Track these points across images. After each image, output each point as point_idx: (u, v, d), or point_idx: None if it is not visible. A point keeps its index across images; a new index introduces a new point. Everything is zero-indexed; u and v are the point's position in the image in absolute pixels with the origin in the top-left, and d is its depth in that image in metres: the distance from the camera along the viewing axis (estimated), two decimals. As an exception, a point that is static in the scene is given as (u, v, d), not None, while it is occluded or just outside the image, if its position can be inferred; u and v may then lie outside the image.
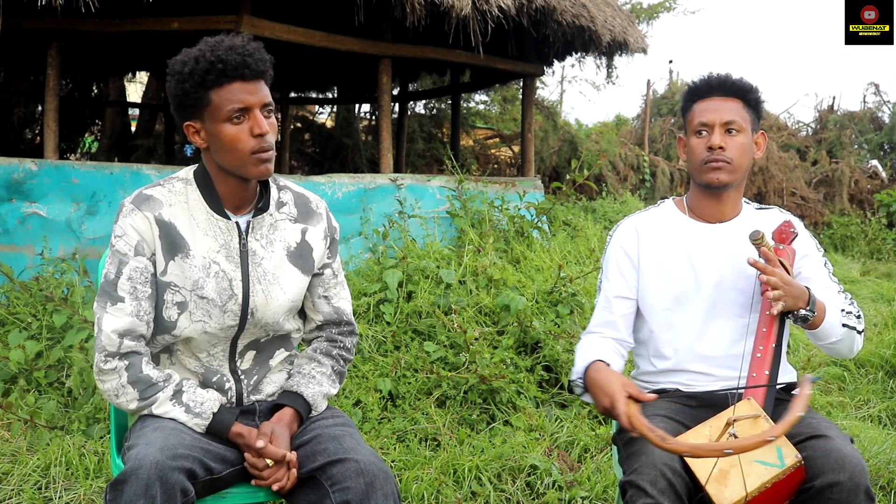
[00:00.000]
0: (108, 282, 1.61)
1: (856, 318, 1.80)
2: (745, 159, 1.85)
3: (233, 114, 1.57)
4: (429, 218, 5.35)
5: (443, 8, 4.94)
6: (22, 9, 4.28)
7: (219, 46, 1.58)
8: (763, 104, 1.91)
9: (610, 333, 1.93)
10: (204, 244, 1.65)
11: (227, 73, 1.56)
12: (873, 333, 4.63)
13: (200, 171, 1.69)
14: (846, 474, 1.48)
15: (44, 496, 2.45)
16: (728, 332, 1.84)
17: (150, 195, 1.64)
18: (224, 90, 1.57)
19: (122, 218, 1.62)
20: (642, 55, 6.87)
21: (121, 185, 4.42)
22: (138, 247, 1.61)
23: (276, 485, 1.59)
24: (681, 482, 1.55)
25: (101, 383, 1.63)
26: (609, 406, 1.63)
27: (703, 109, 1.86)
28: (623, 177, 9.98)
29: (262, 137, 1.60)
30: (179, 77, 1.59)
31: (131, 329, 1.60)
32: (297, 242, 1.75)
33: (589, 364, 1.79)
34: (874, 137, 11.66)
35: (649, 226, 1.97)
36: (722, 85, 1.87)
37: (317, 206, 1.81)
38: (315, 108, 12.22)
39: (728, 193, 1.90)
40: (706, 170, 1.84)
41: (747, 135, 1.85)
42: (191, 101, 1.59)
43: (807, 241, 1.89)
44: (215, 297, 1.64)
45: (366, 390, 3.23)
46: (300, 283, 1.75)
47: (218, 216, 1.67)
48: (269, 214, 1.73)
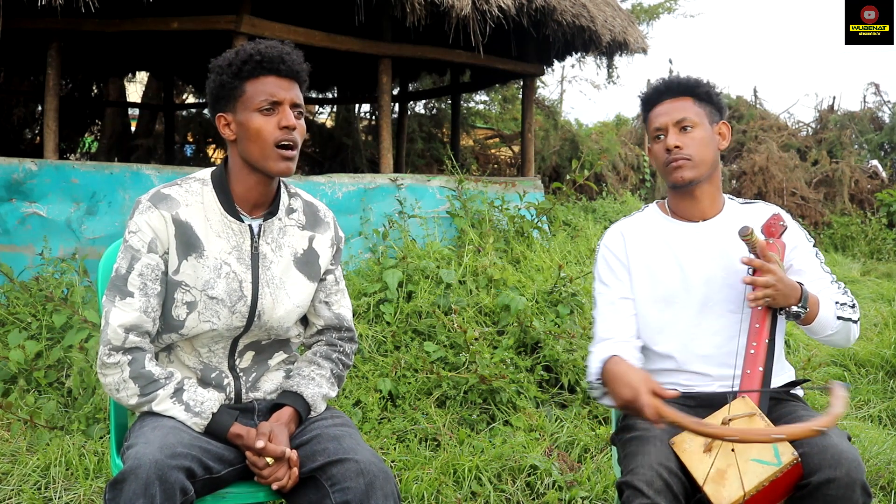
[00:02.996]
0: (119, 276, 1.62)
1: (850, 309, 1.79)
2: (707, 152, 1.86)
3: (264, 105, 1.62)
4: (429, 218, 5.35)
5: (443, 8, 4.94)
6: (22, 9, 4.28)
7: (260, 44, 1.65)
8: (717, 95, 1.92)
9: (621, 336, 1.88)
10: (217, 245, 1.67)
11: (264, 66, 1.62)
12: (873, 333, 4.63)
13: (219, 172, 1.72)
14: (843, 470, 1.48)
15: (44, 496, 2.46)
16: (721, 329, 1.84)
17: (168, 194, 1.66)
18: (258, 81, 1.63)
19: (139, 214, 1.64)
20: (642, 55, 6.87)
21: (121, 185, 4.42)
22: (152, 244, 1.62)
23: (276, 483, 1.60)
24: (677, 482, 1.55)
25: (103, 377, 1.63)
26: (631, 398, 1.60)
27: (657, 115, 1.90)
28: (623, 177, 9.98)
29: (288, 130, 1.63)
30: (219, 70, 1.66)
31: (138, 325, 1.61)
32: (304, 249, 1.77)
33: (605, 360, 1.77)
34: (874, 137, 11.65)
35: (634, 230, 1.99)
36: (669, 88, 1.90)
37: (325, 215, 1.84)
38: (315, 108, 12.22)
39: (701, 190, 1.90)
40: (669, 170, 1.87)
41: (704, 128, 1.87)
42: (226, 91, 1.65)
43: (796, 232, 1.89)
44: (225, 297, 1.66)
45: (366, 390, 3.24)
46: (306, 289, 1.77)
47: (231, 218, 1.69)
48: (279, 219, 1.75)
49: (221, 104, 1.67)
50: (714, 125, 1.90)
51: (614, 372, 1.70)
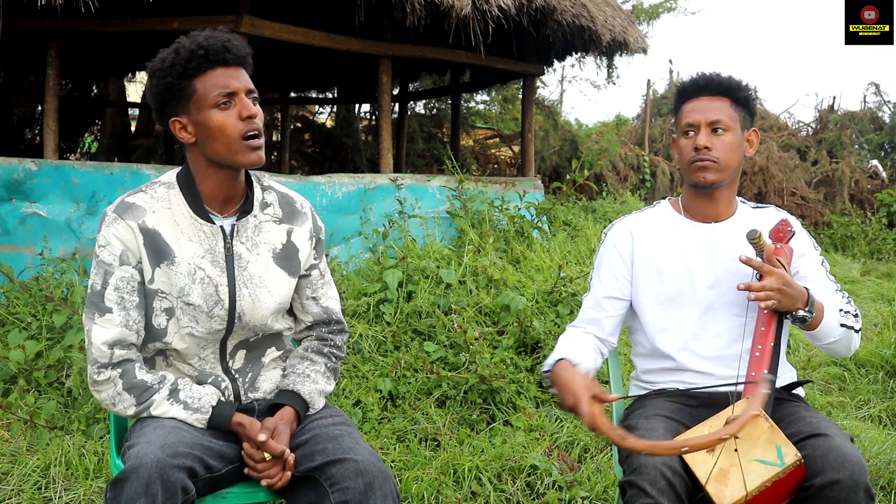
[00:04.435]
0: (95, 293, 1.60)
1: (853, 318, 1.79)
2: (734, 158, 1.85)
3: (219, 99, 1.56)
4: (429, 218, 5.35)
5: (443, 8, 4.94)
6: (22, 9, 4.28)
7: (196, 37, 1.57)
8: (754, 101, 1.90)
9: (593, 331, 1.94)
10: (189, 250, 1.63)
11: (210, 59, 1.55)
12: (874, 333, 4.63)
13: (184, 173, 1.67)
14: (846, 472, 1.48)
15: (43, 496, 2.45)
16: (725, 331, 1.84)
17: (132, 203, 1.62)
18: (207, 77, 1.56)
19: (105, 227, 1.60)
20: (642, 55, 6.87)
21: (121, 185, 4.42)
22: (123, 256, 1.59)
23: (266, 481, 1.59)
24: (680, 482, 1.55)
25: (97, 393, 1.63)
26: (573, 405, 1.62)
27: (691, 110, 1.86)
28: (623, 177, 9.98)
29: (252, 120, 1.58)
30: (160, 73, 1.57)
31: (121, 339, 1.59)
32: (283, 244, 1.74)
33: (554, 363, 1.78)
34: (874, 137, 11.66)
35: (644, 226, 1.97)
36: (709, 84, 1.87)
37: (301, 205, 1.79)
38: (315, 108, 12.22)
39: (720, 192, 1.89)
40: (693, 170, 1.85)
41: (735, 133, 1.84)
42: (174, 94, 1.57)
43: (804, 239, 1.89)
44: (201, 303, 1.63)
45: (366, 390, 3.23)
46: (287, 284, 1.74)
47: (202, 221, 1.65)
48: (254, 216, 1.71)
49: (171, 108, 1.59)
50: (745, 131, 1.88)
51: (560, 378, 1.71)
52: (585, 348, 1.87)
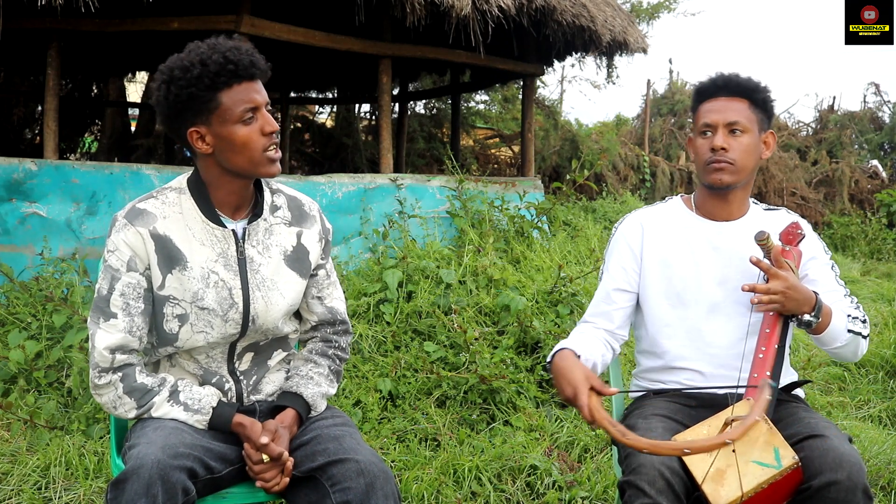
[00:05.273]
0: (101, 297, 1.61)
1: (861, 324, 1.78)
2: (750, 160, 1.84)
3: (245, 115, 1.56)
4: (429, 218, 5.35)
5: (443, 8, 4.94)
6: (22, 9, 4.28)
7: (220, 48, 1.56)
8: (772, 103, 1.89)
9: (603, 324, 1.93)
10: (201, 254, 1.64)
11: (239, 74, 1.55)
12: (874, 333, 4.63)
13: (194, 178, 1.67)
14: (844, 473, 1.48)
15: (43, 496, 2.45)
16: (730, 331, 1.84)
17: (143, 209, 1.62)
18: (233, 91, 1.56)
19: (115, 233, 1.60)
20: (642, 55, 6.87)
21: (121, 185, 4.42)
22: (130, 262, 1.60)
23: (262, 483, 1.59)
24: (679, 482, 1.55)
25: (98, 396, 1.64)
26: (571, 396, 1.61)
27: (709, 110, 1.85)
28: (623, 177, 9.98)
29: (272, 135, 1.60)
30: (183, 82, 1.54)
31: (123, 345, 1.60)
32: (294, 246, 1.75)
33: (556, 353, 1.76)
34: (874, 137, 11.67)
35: (655, 221, 1.97)
36: (727, 85, 1.85)
37: (310, 208, 1.81)
38: (315, 108, 12.22)
39: (734, 194, 1.89)
40: (709, 170, 1.84)
41: (753, 135, 1.83)
42: (196, 105, 1.55)
43: (814, 243, 1.88)
44: (216, 307, 1.64)
45: (366, 390, 3.24)
46: (298, 286, 1.76)
47: (214, 225, 1.65)
48: (264, 219, 1.72)
49: (189, 117, 1.57)
50: (762, 133, 1.87)
51: (560, 367, 1.69)
52: (592, 340, 1.87)
